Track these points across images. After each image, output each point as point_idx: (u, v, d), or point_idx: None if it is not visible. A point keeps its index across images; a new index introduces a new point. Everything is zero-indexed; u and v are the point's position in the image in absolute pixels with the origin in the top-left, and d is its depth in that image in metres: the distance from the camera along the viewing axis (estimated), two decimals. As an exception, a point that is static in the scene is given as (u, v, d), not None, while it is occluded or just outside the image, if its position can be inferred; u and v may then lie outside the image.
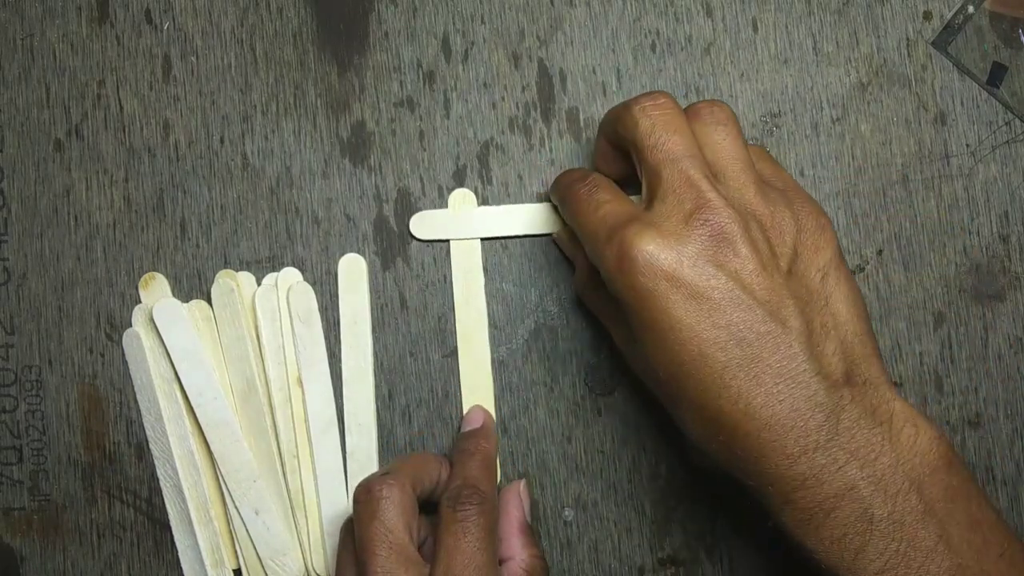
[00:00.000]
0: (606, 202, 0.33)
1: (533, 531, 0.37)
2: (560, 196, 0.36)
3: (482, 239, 0.40)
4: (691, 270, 0.30)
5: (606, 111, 0.36)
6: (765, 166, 0.35)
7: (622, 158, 0.36)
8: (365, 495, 0.33)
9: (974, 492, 0.30)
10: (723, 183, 0.32)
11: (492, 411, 0.40)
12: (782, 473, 0.30)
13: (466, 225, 0.40)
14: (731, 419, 0.30)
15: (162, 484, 0.40)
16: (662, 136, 0.32)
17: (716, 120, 0.33)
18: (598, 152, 0.37)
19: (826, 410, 0.30)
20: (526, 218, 0.40)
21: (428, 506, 0.35)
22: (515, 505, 0.37)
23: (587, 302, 0.39)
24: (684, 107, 0.34)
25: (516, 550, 0.35)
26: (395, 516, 0.33)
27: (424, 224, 0.40)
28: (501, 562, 0.35)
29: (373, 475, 0.34)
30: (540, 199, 0.40)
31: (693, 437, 0.32)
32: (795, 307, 0.31)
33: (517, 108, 0.41)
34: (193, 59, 0.41)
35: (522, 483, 0.38)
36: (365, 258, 0.40)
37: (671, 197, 0.31)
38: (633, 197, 0.34)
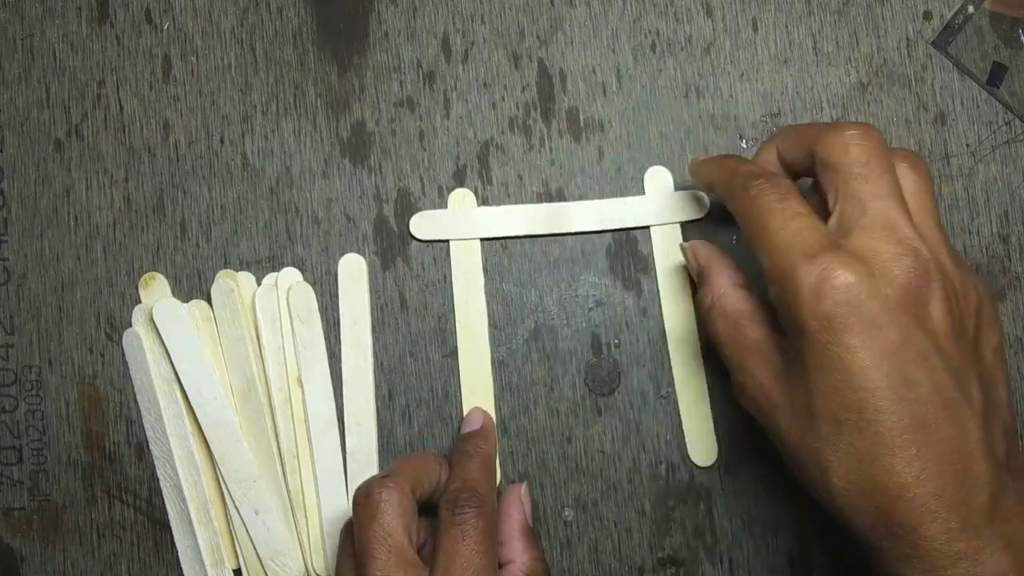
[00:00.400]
0: (802, 215, 0.30)
1: (534, 534, 0.37)
2: (730, 189, 0.33)
3: (482, 239, 0.40)
4: (893, 317, 0.29)
5: (788, 125, 0.35)
6: (939, 222, 0.33)
7: (786, 174, 0.34)
8: (364, 498, 0.33)
9: None
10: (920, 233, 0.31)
11: (492, 411, 0.40)
12: (938, 548, 0.28)
13: (466, 225, 0.40)
14: (899, 481, 0.28)
15: (162, 484, 0.40)
16: (875, 170, 0.31)
17: (916, 170, 0.32)
18: (762, 161, 0.35)
19: (990, 491, 0.28)
20: (526, 218, 0.40)
21: (429, 508, 0.35)
22: (516, 508, 0.37)
23: (714, 317, 0.35)
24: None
25: (517, 553, 0.35)
26: (394, 519, 0.33)
27: (424, 224, 0.40)
28: (502, 565, 0.35)
29: (372, 478, 0.34)
30: (540, 199, 0.40)
31: (838, 498, 0.30)
32: (977, 381, 0.30)
33: (517, 108, 0.41)
34: (193, 59, 0.41)
35: (523, 486, 0.38)
36: (365, 258, 0.40)
37: (877, 235, 0.30)
38: None
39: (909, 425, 0.28)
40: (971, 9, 0.40)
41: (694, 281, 0.39)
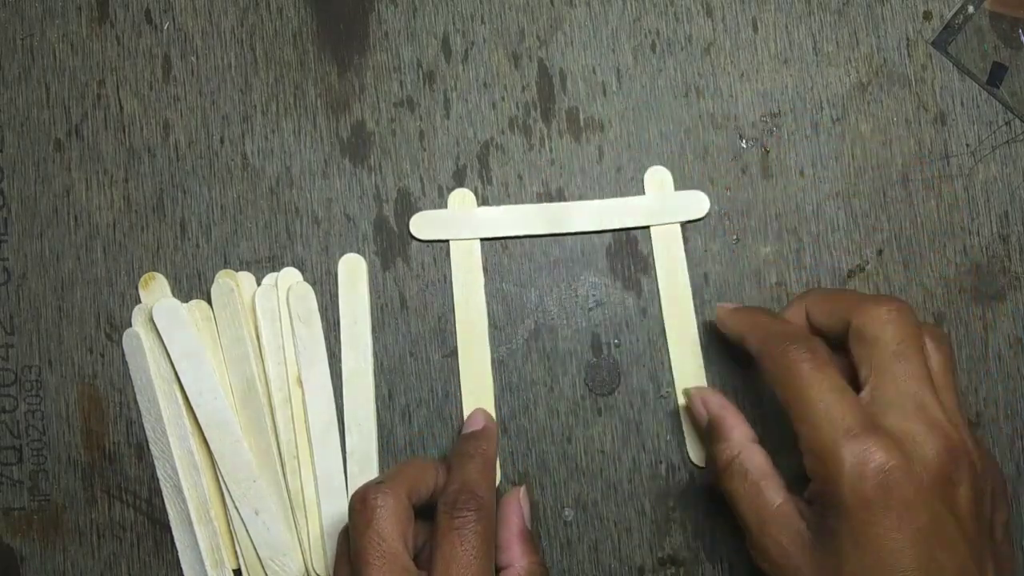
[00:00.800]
0: (841, 390, 0.31)
1: (533, 537, 0.37)
2: (765, 350, 0.34)
3: (482, 239, 0.40)
4: (928, 502, 0.30)
5: (817, 289, 0.36)
6: (960, 402, 0.34)
7: (817, 334, 0.35)
8: (360, 503, 0.33)
9: None
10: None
11: (492, 411, 0.40)
12: None
13: (466, 225, 0.40)
14: None
15: (162, 484, 0.40)
16: (910, 349, 0.32)
17: (941, 349, 0.33)
18: (791, 318, 0.36)
19: None
20: (526, 218, 0.40)
21: (427, 512, 0.35)
22: (515, 512, 0.36)
23: (731, 475, 0.34)
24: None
25: (516, 557, 0.35)
26: (390, 525, 0.32)
27: (424, 224, 0.40)
28: (500, 569, 0.35)
29: (368, 483, 0.34)
30: (540, 199, 0.40)
31: None
32: (991, 560, 0.31)
33: (517, 108, 0.41)
34: (193, 59, 0.41)
35: (522, 489, 0.38)
36: (365, 258, 0.40)
37: (912, 416, 0.31)
38: None
39: None
40: (971, 9, 0.40)
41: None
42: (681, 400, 0.39)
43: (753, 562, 0.34)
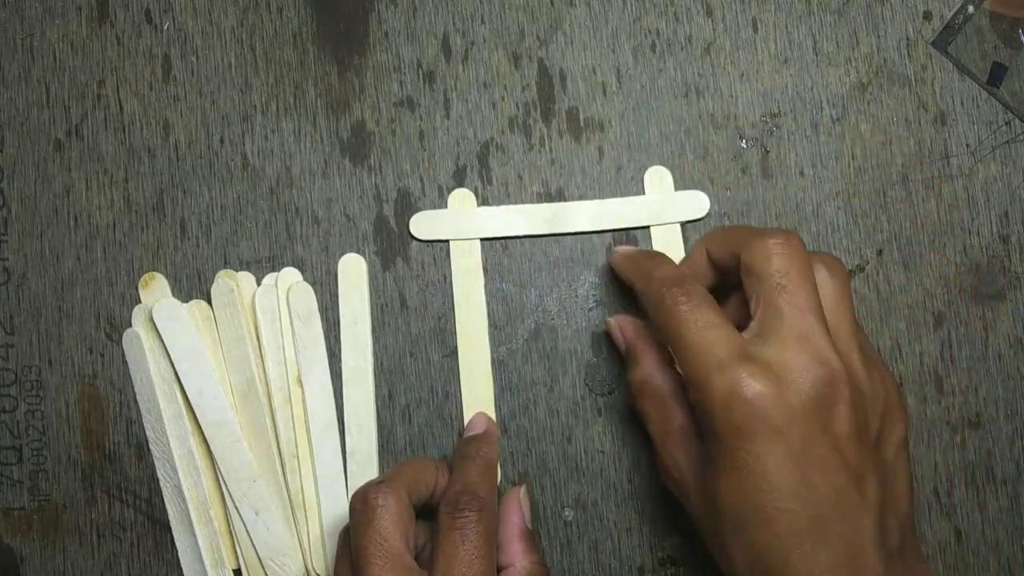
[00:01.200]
0: (715, 325, 0.32)
1: (533, 537, 0.37)
2: (647, 293, 0.35)
3: (482, 239, 0.40)
4: (799, 427, 0.30)
5: (716, 227, 0.36)
6: (855, 327, 0.35)
7: (716, 274, 0.36)
8: (361, 503, 0.33)
9: None
10: (834, 342, 0.32)
11: (492, 411, 0.40)
12: None
13: (466, 225, 0.40)
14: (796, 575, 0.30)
15: (162, 484, 0.40)
16: (794, 281, 0.32)
17: (835, 276, 0.34)
18: (692, 261, 0.37)
19: None
20: (526, 218, 0.40)
21: (429, 512, 0.35)
22: (515, 512, 0.37)
23: (642, 396, 0.37)
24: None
25: (516, 557, 0.35)
26: (391, 525, 0.33)
27: (424, 224, 0.40)
28: (501, 569, 0.35)
29: (369, 483, 0.34)
30: (540, 199, 0.40)
31: (736, 573, 0.32)
32: (875, 479, 0.31)
33: (517, 108, 0.41)
34: (193, 59, 0.41)
35: (522, 489, 0.38)
36: (365, 258, 0.40)
37: (792, 346, 0.31)
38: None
39: (806, 525, 0.30)
40: (971, 9, 0.41)
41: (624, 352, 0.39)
42: None
43: (660, 480, 0.36)
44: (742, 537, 0.31)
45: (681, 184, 0.40)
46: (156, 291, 0.40)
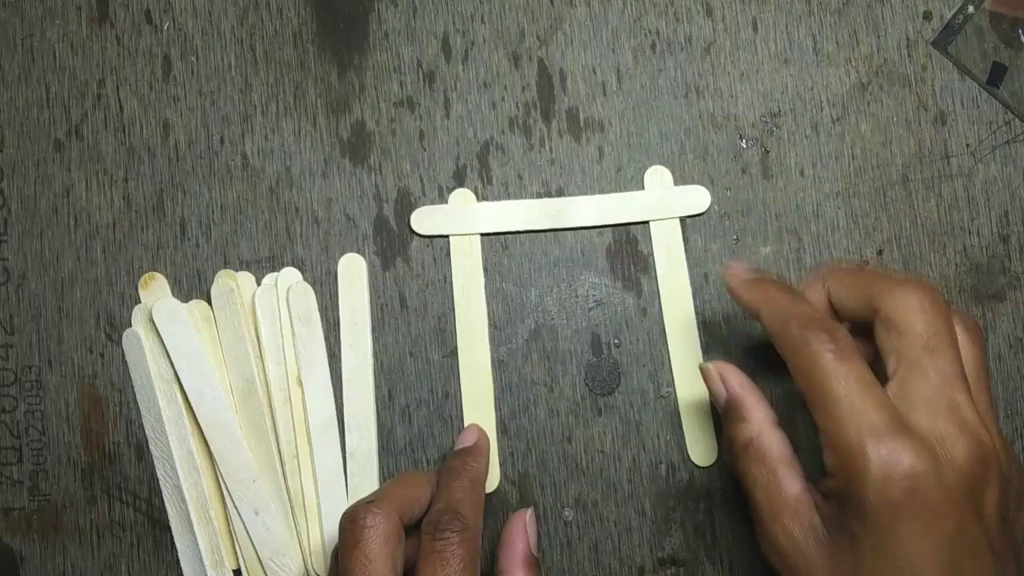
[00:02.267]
0: (868, 385, 0.29)
1: (538, 564, 0.36)
2: (783, 333, 0.31)
3: (482, 235, 0.40)
4: (956, 509, 0.28)
5: (834, 266, 0.34)
6: (991, 399, 0.33)
7: (837, 318, 0.33)
8: (350, 524, 0.32)
9: None
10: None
11: (492, 411, 0.40)
12: None
13: (466, 220, 0.40)
14: None
15: (162, 484, 0.40)
16: (943, 343, 0.30)
17: (974, 342, 0.32)
18: (810, 298, 0.34)
19: None
20: (526, 213, 0.40)
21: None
22: (520, 536, 0.36)
23: (747, 459, 0.33)
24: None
25: None
26: (377, 546, 0.32)
27: (424, 219, 0.40)
28: None
29: (359, 502, 0.33)
30: (540, 198, 0.40)
31: None
32: (1012, 565, 0.30)
33: (517, 108, 0.41)
34: (193, 59, 0.41)
35: (529, 512, 0.37)
36: (365, 258, 0.40)
37: (942, 416, 0.29)
38: None
39: None
40: (971, 9, 0.41)
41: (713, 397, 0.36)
42: (684, 397, 0.39)
43: (760, 552, 0.32)
44: None
45: (681, 184, 0.40)
46: (156, 291, 0.40)
